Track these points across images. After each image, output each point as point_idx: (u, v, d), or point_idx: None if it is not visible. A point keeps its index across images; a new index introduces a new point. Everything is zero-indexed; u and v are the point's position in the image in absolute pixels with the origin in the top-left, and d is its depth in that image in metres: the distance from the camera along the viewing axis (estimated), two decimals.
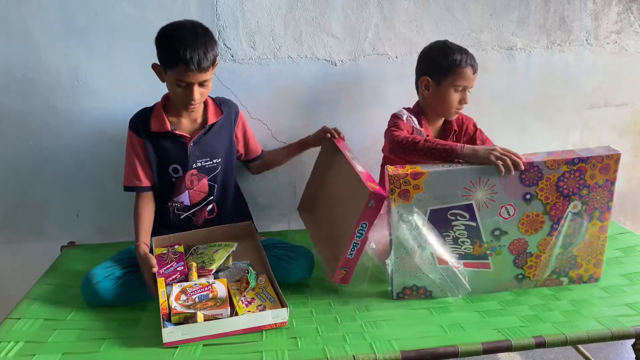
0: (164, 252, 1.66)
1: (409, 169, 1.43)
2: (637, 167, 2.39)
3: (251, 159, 1.97)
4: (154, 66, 1.66)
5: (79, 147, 1.99)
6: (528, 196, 1.45)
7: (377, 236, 1.52)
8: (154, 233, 1.75)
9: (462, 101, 1.76)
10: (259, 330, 1.41)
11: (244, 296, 1.49)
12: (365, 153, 1.94)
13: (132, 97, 1.89)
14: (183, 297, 1.45)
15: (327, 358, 1.29)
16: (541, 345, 1.35)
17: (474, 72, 1.74)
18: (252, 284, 1.54)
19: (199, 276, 1.57)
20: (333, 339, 1.39)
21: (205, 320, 1.38)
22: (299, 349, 1.35)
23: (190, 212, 1.83)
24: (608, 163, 1.47)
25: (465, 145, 1.50)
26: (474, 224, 1.48)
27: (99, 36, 1.88)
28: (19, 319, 1.50)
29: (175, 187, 1.79)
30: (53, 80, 1.91)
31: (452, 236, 1.50)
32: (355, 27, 2.02)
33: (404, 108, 1.86)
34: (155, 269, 1.55)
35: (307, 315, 1.54)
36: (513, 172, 1.42)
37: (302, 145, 1.96)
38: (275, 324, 1.42)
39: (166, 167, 1.76)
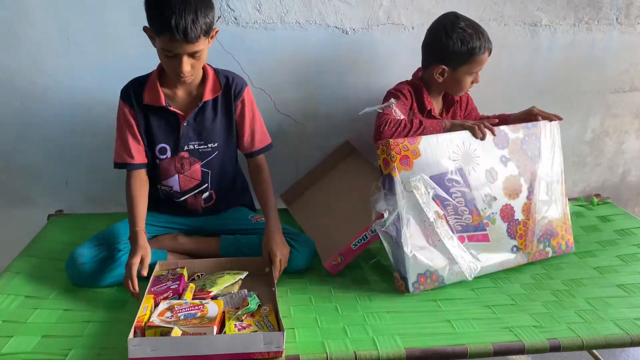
0: (164, 273, 1.47)
1: (411, 146, 1.48)
2: None
3: (247, 153, 1.68)
4: (145, 29, 1.46)
5: (69, 110, 1.86)
6: (504, 159, 1.60)
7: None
8: (149, 209, 1.60)
9: (475, 82, 1.73)
10: (247, 358, 1.17)
11: (240, 320, 1.27)
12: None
13: (126, 60, 1.76)
14: (168, 314, 1.25)
15: (327, 354, 1.20)
16: (556, 349, 1.27)
17: (490, 54, 1.68)
18: (252, 307, 1.31)
19: (194, 299, 1.36)
20: (333, 332, 1.30)
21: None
22: (297, 341, 1.25)
23: (181, 199, 1.67)
24: (552, 127, 1.69)
25: (447, 122, 1.62)
26: (468, 190, 1.53)
27: None
28: None
29: (160, 169, 1.62)
30: (41, 36, 1.77)
31: (452, 205, 1.51)
32: None
33: (403, 82, 1.78)
34: (146, 261, 1.40)
35: (305, 302, 1.45)
36: (483, 139, 1.56)
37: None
38: (268, 352, 1.16)
39: (153, 145, 1.59)
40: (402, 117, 1.62)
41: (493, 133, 1.58)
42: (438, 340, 1.26)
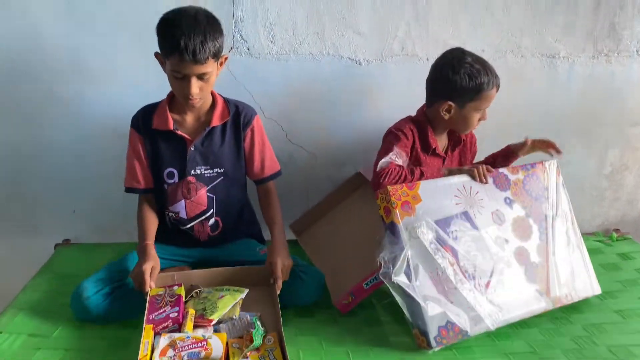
0: (160, 293, 1.44)
1: (410, 192, 1.46)
2: None
3: (257, 179, 1.70)
4: (156, 55, 1.49)
5: (78, 139, 1.85)
6: (508, 200, 1.56)
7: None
8: (156, 240, 1.59)
9: (482, 119, 1.68)
10: None
11: (245, 357, 1.24)
12: None
13: (137, 89, 1.74)
14: (170, 352, 1.22)
15: None
16: None
17: (498, 89, 1.63)
18: (257, 342, 1.29)
19: (196, 327, 1.33)
20: None
21: None
22: None
23: (188, 226, 1.65)
24: (551, 166, 1.67)
25: (445, 170, 1.59)
26: (477, 233, 1.47)
27: (104, 20, 1.73)
28: (1, 332, 1.38)
29: (167, 194, 1.62)
30: (53, 64, 1.77)
31: (463, 249, 1.44)
32: (384, 24, 1.85)
33: (405, 119, 1.72)
34: (156, 271, 1.45)
35: (315, 346, 1.40)
36: (485, 180, 1.54)
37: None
38: None
39: (161, 170, 1.61)
40: (403, 162, 1.58)
41: (490, 172, 1.56)
42: None
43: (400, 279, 1.34)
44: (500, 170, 1.59)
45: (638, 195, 2.20)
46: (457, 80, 1.58)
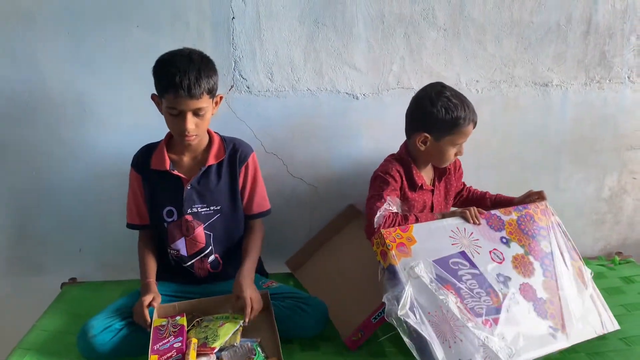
0: (164, 324, 1.47)
1: (404, 234, 1.45)
2: None
3: (246, 215, 1.72)
4: (153, 97, 1.55)
5: (83, 180, 1.89)
6: (504, 240, 1.55)
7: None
8: (160, 279, 1.64)
9: (458, 154, 1.70)
10: None
11: None
12: None
13: (140, 130, 1.78)
14: None
15: None
16: None
17: (474, 126, 1.65)
18: None
19: (199, 355, 1.38)
20: None
21: None
22: None
23: (188, 263, 1.67)
24: (543, 208, 1.67)
25: (439, 214, 1.61)
26: (477, 272, 1.44)
27: (107, 64, 1.78)
28: None
29: (168, 232, 1.66)
30: (58, 109, 1.82)
31: (465, 288, 1.40)
32: (379, 59, 1.90)
33: (389, 159, 1.75)
34: (155, 304, 1.49)
35: None
36: (478, 221, 1.55)
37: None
38: None
39: (161, 209, 1.64)
40: (396, 208, 1.59)
41: (483, 217, 1.57)
42: None
43: (406, 315, 1.30)
44: (492, 212, 1.60)
45: (638, 218, 2.21)
46: (434, 112, 1.60)
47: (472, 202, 1.86)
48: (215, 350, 1.39)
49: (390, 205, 1.58)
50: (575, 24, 1.95)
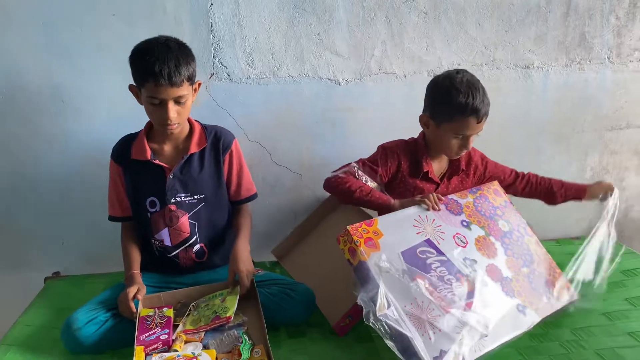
0: (150, 314, 1.46)
1: (370, 228, 1.43)
2: None
3: (232, 202, 1.72)
4: (130, 87, 1.53)
5: (63, 172, 1.87)
6: (465, 223, 1.55)
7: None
8: (145, 270, 1.63)
9: (463, 147, 1.61)
10: None
11: None
12: None
13: (119, 120, 1.76)
14: None
15: None
16: None
17: (479, 121, 1.53)
18: (246, 355, 1.33)
19: (186, 342, 1.38)
20: None
21: None
22: None
23: (173, 254, 1.66)
24: (495, 188, 1.69)
25: (400, 202, 1.56)
26: (445, 258, 1.44)
27: (84, 54, 1.76)
28: None
29: (151, 223, 1.64)
30: (35, 100, 1.78)
31: (436, 275, 1.39)
32: (360, 44, 1.89)
33: (401, 140, 1.72)
34: (140, 297, 1.48)
35: None
36: (438, 207, 1.52)
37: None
38: None
39: (143, 199, 1.63)
40: (363, 175, 1.62)
41: (442, 202, 1.55)
42: None
43: (385, 314, 1.27)
44: (450, 196, 1.59)
45: (620, 198, 2.23)
46: (437, 93, 1.56)
47: (539, 194, 1.81)
48: (231, 318, 1.43)
49: (360, 170, 1.60)
50: (555, 5, 1.96)
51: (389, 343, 1.25)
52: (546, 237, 2.06)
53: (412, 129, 1.79)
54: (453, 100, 1.51)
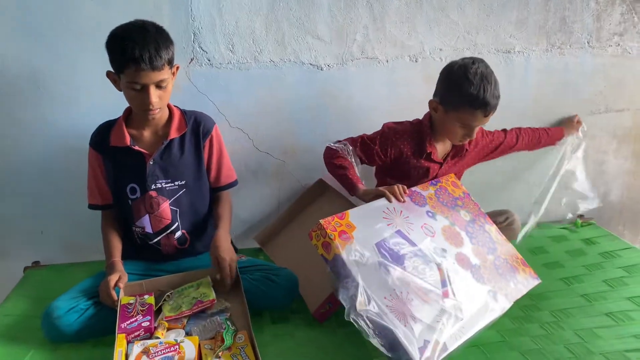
0: (131, 302, 1.45)
1: (342, 221, 1.42)
2: (637, 175, 2.28)
3: (212, 188, 1.70)
4: (108, 74, 1.50)
5: (41, 160, 1.83)
6: (430, 214, 1.57)
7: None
8: (127, 258, 1.61)
9: (467, 136, 1.64)
10: None
11: (218, 357, 1.28)
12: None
13: (98, 106, 1.73)
14: (144, 358, 1.24)
15: None
16: None
17: (486, 115, 1.55)
18: (229, 341, 1.33)
19: (169, 329, 1.38)
20: None
21: None
22: None
23: (154, 240, 1.65)
24: (453, 180, 1.72)
25: (364, 189, 1.58)
26: (417, 248, 1.44)
27: (62, 39, 1.71)
28: None
29: (132, 209, 1.62)
30: (11, 86, 1.74)
31: (411, 266, 1.39)
32: (342, 29, 1.87)
33: (407, 121, 1.74)
34: (121, 285, 1.47)
35: (292, 348, 1.42)
36: (403, 199, 1.53)
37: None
38: None
39: (124, 186, 1.61)
40: (353, 151, 1.68)
41: (407, 195, 1.56)
42: None
43: (366, 310, 1.25)
44: (413, 189, 1.61)
45: (598, 182, 2.26)
46: (449, 81, 1.57)
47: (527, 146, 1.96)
48: (215, 301, 1.45)
49: (347, 151, 1.65)
50: None
51: (374, 341, 1.23)
52: (528, 220, 2.09)
53: (395, 114, 1.80)
54: (464, 91, 1.51)
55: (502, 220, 1.82)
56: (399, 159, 1.72)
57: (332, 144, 1.70)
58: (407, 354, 1.21)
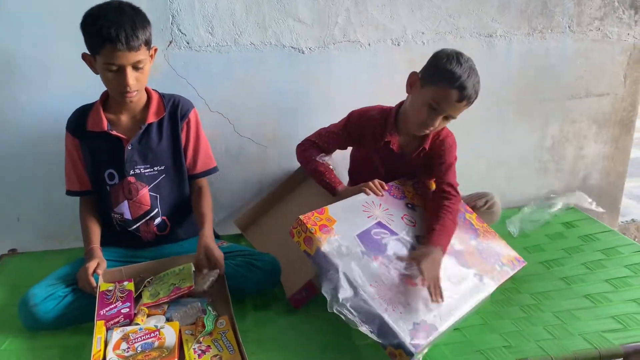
0: (110, 288, 1.43)
1: (322, 216, 1.42)
2: (617, 160, 2.31)
3: (189, 175, 1.66)
4: (84, 56, 1.46)
5: (16, 146, 1.79)
6: (410, 205, 1.59)
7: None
8: (106, 245, 1.58)
9: (429, 121, 1.51)
10: None
11: (199, 342, 1.27)
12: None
13: (73, 90, 1.69)
14: (124, 345, 1.23)
15: None
16: None
17: (460, 100, 1.47)
18: (209, 327, 1.32)
19: (149, 315, 1.36)
20: None
21: None
22: None
23: (134, 227, 1.62)
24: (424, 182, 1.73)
25: (343, 188, 1.62)
26: (398, 236, 1.46)
27: (35, 21, 1.66)
28: None
29: (111, 195, 1.59)
30: None
31: (393, 253, 1.40)
32: (324, 11, 1.84)
33: (380, 107, 1.70)
34: (100, 271, 1.45)
35: (274, 334, 1.41)
36: (381, 193, 1.56)
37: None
38: None
39: (101, 172, 1.58)
40: (325, 145, 1.72)
41: (384, 187, 1.57)
42: None
43: (349, 297, 1.25)
44: (390, 183, 1.62)
45: (579, 166, 2.29)
46: (438, 56, 1.51)
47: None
48: (192, 287, 1.42)
49: (320, 139, 1.70)
50: None
51: (363, 328, 1.22)
52: (509, 205, 2.11)
53: (376, 98, 1.78)
54: (448, 66, 1.47)
55: (482, 204, 1.81)
56: (360, 142, 1.71)
57: (303, 148, 1.74)
58: (397, 337, 1.21)
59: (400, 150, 1.65)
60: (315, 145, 1.73)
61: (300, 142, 1.76)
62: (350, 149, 1.81)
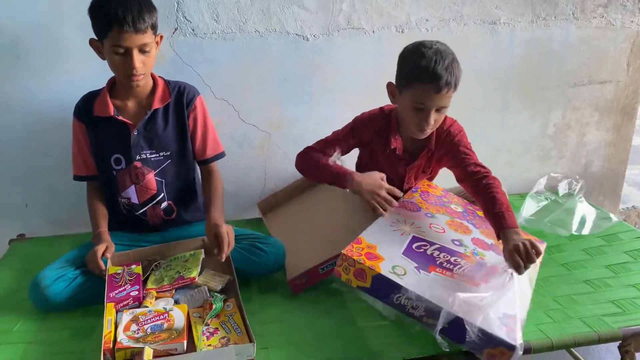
0: (119, 272, 1.46)
1: (362, 245, 1.37)
2: (618, 147, 2.32)
3: (199, 160, 1.69)
4: (91, 42, 1.48)
5: (23, 132, 1.81)
6: (429, 215, 1.58)
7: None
8: (113, 229, 1.61)
9: (423, 122, 1.46)
10: None
11: (207, 324, 1.30)
12: None
13: (80, 77, 1.71)
14: (134, 326, 1.25)
15: None
16: (527, 351, 1.27)
17: (439, 90, 1.39)
18: (219, 305, 1.34)
19: (157, 298, 1.39)
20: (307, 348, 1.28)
21: (155, 357, 1.18)
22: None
23: (140, 211, 1.65)
24: (428, 184, 1.75)
25: (355, 179, 1.52)
26: (439, 245, 1.44)
27: (41, 6, 1.67)
28: None
29: (117, 180, 1.62)
30: None
31: (444, 260, 1.38)
32: None
33: (377, 111, 1.66)
34: (108, 255, 1.48)
35: (279, 317, 1.44)
36: (391, 208, 1.51)
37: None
38: None
39: (108, 157, 1.60)
40: (331, 153, 1.63)
41: (393, 204, 1.52)
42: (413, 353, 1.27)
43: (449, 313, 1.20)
44: (402, 199, 1.59)
45: (580, 153, 2.31)
46: (402, 56, 1.48)
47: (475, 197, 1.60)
48: (196, 279, 1.44)
49: (326, 146, 1.64)
50: None
51: (474, 335, 1.17)
52: (511, 191, 2.12)
53: (381, 86, 1.77)
54: (414, 63, 1.41)
55: None
56: (364, 151, 1.71)
57: (305, 152, 1.67)
58: (496, 339, 1.17)
59: (405, 153, 1.64)
60: (320, 151, 1.66)
61: (301, 151, 1.69)
62: (354, 157, 1.79)
